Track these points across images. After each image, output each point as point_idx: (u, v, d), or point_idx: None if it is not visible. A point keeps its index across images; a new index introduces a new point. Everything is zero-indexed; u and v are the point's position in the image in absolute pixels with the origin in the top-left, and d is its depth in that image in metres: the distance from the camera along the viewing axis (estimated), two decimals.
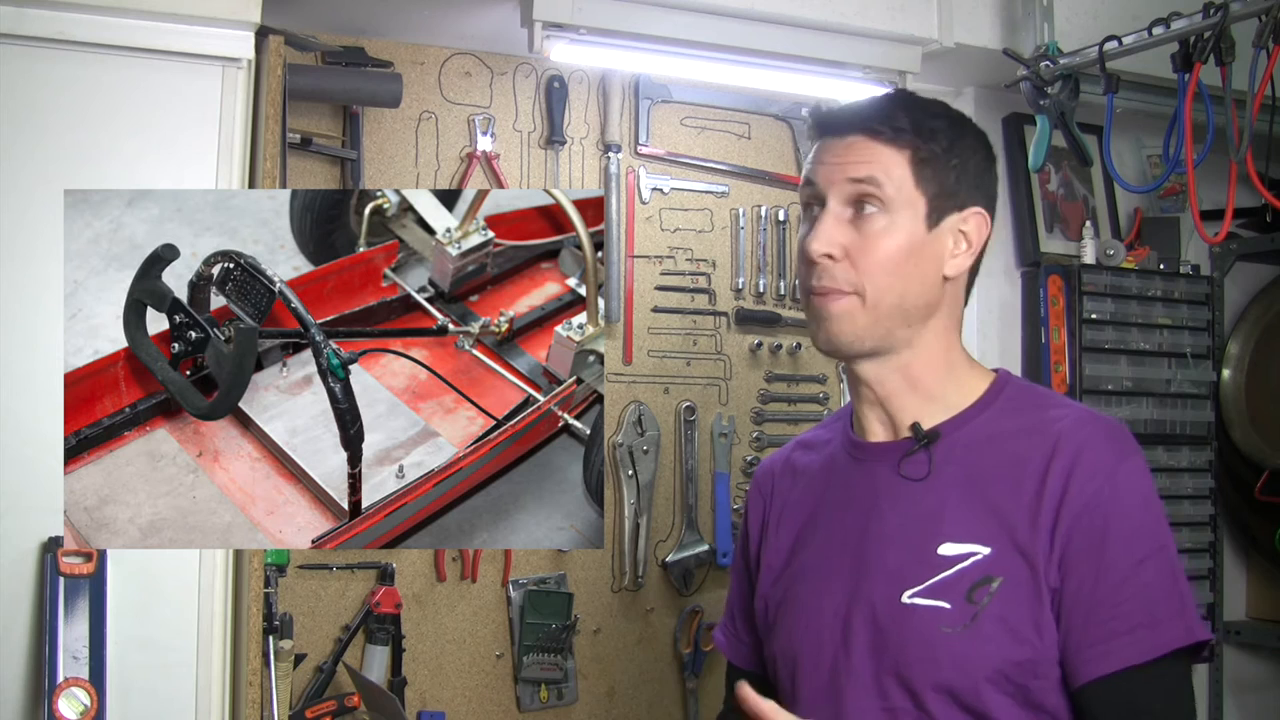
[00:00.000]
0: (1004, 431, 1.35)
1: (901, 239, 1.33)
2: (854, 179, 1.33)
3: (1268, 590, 3.02)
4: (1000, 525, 1.29)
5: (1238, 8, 2.08)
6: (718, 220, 2.66)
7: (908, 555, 1.32)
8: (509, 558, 2.43)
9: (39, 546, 1.81)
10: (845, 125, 1.37)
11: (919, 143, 1.35)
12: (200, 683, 1.88)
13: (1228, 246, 2.94)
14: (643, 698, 2.56)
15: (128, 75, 1.91)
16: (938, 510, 1.33)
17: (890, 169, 1.33)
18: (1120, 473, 1.28)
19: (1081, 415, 1.34)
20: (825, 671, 1.36)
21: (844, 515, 1.41)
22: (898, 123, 1.35)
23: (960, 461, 1.35)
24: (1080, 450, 1.28)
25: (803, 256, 1.36)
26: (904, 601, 1.31)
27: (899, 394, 1.39)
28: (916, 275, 1.35)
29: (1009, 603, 1.27)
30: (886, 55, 2.40)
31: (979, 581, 1.28)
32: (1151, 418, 2.74)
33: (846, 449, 1.46)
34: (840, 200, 1.34)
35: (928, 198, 1.34)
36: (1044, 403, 1.39)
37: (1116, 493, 1.27)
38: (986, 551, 1.29)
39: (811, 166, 1.38)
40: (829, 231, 1.33)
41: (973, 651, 1.26)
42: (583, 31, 2.18)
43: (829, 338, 1.35)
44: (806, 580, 1.42)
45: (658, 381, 2.58)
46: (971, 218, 1.38)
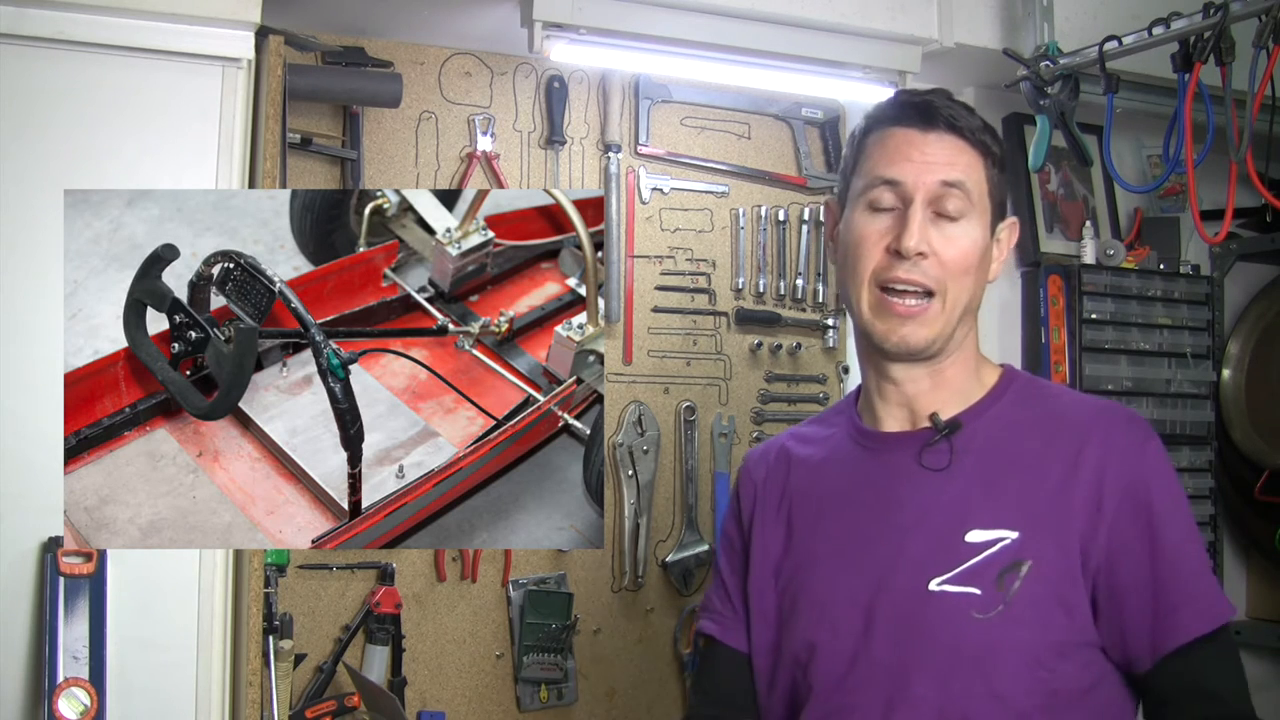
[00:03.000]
0: (1020, 420, 1.38)
1: (979, 241, 1.37)
2: (947, 182, 1.34)
3: (1268, 590, 3.02)
4: (1025, 510, 1.31)
5: (1238, 8, 2.08)
6: (718, 220, 2.66)
7: (933, 543, 1.33)
8: (509, 558, 2.43)
9: (39, 546, 1.81)
10: (932, 119, 1.36)
11: (993, 148, 1.38)
12: (200, 683, 1.88)
13: (1228, 246, 2.94)
14: (643, 698, 2.56)
15: (128, 75, 1.91)
16: (962, 498, 1.34)
17: (972, 172, 1.36)
18: (1150, 456, 1.33)
19: (1101, 404, 1.39)
20: (845, 660, 1.36)
21: (857, 505, 1.41)
22: (975, 124, 1.37)
23: (979, 450, 1.37)
24: (1110, 436, 1.32)
25: (880, 250, 1.35)
26: (931, 589, 1.31)
27: (927, 392, 1.41)
28: (980, 279, 1.39)
29: (1039, 586, 1.29)
30: (886, 55, 2.40)
31: (1008, 567, 1.30)
32: (1151, 418, 2.74)
33: (855, 439, 1.46)
34: (926, 199, 1.34)
35: (993, 204, 1.39)
36: (1054, 393, 1.45)
37: (1154, 474, 1.32)
38: (1014, 536, 1.30)
39: (895, 163, 1.36)
40: (923, 229, 1.34)
41: (1006, 636, 1.28)
42: (583, 31, 2.18)
43: (906, 338, 1.36)
44: (817, 570, 1.42)
45: (658, 381, 2.58)
46: (1009, 226, 1.44)
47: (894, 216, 1.35)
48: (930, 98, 1.39)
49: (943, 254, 1.34)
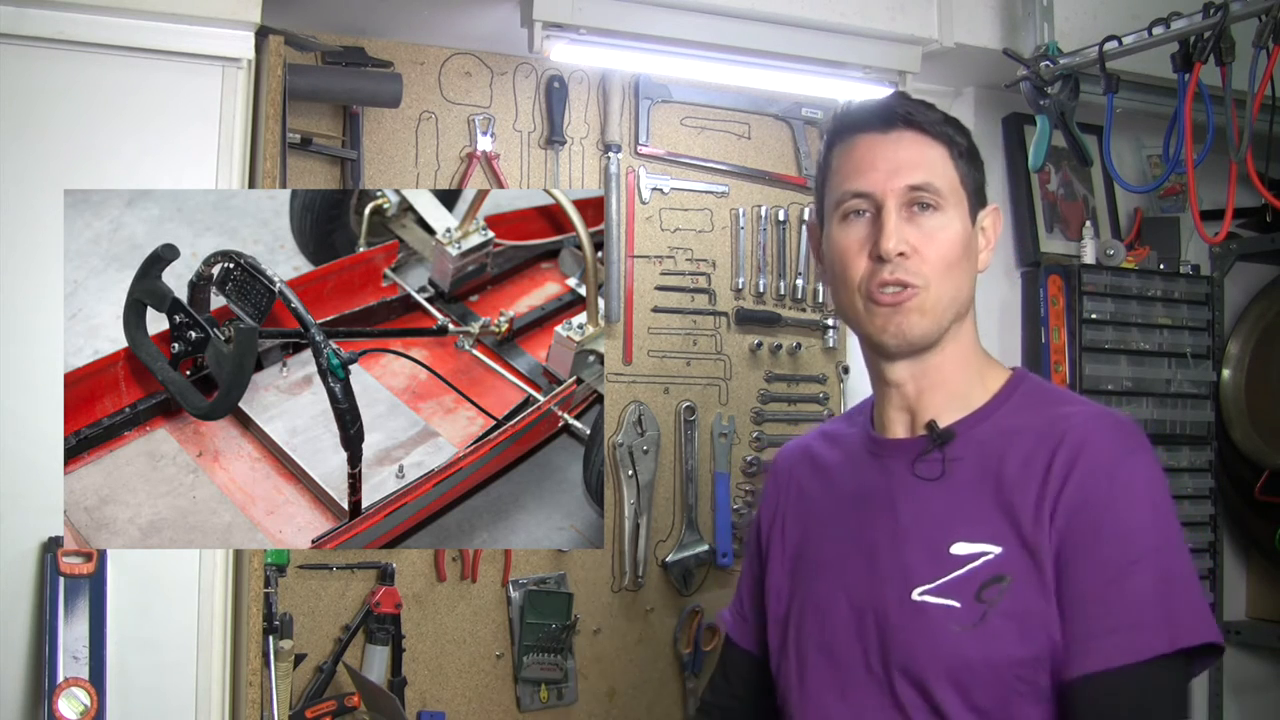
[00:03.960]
0: (1016, 429, 1.36)
1: (959, 233, 1.36)
2: (913, 186, 1.34)
3: (1268, 590, 3.02)
4: (1010, 523, 1.30)
5: (1238, 8, 2.08)
6: (718, 220, 2.66)
7: (921, 553, 1.33)
8: (509, 558, 2.43)
9: (39, 546, 1.81)
10: (890, 119, 1.36)
11: (957, 138, 1.38)
12: (200, 683, 1.88)
13: (1228, 246, 2.94)
14: (643, 698, 2.56)
15: (128, 75, 1.91)
16: (951, 509, 1.34)
17: (939, 167, 1.36)
18: (1122, 469, 1.27)
19: (1090, 411, 1.34)
20: (836, 666, 1.36)
21: (860, 511, 1.41)
22: (935, 117, 1.37)
23: (974, 459, 1.36)
24: (1082, 446, 1.28)
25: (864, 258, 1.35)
26: (914, 599, 1.31)
27: (928, 392, 1.40)
28: (967, 270, 1.38)
29: (1018, 600, 1.27)
30: (886, 55, 2.40)
31: (989, 580, 1.28)
32: (1151, 418, 2.74)
33: (866, 445, 1.46)
34: (899, 203, 1.34)
35: (968, 193, 1.38)
36: (1056, 400, 1.39)
37: (1114, 490, 1.26)
38: (998, 551, 1.29)
39: (861, 173, 1.36)
40: (899, 229, 1.33)
41: (982, 649, 1.27)
42: (583, 31, 2.18)
43: (900, 327, 1.35)
44: (821, 575, 1.43)
45: (658, 381, 2.58)
46: (991, 214, 1.43)
47: (870, 222, 1.36)
48: (886, 100, 1.40)
49: (924, 250, 1.34)
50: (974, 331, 1.43)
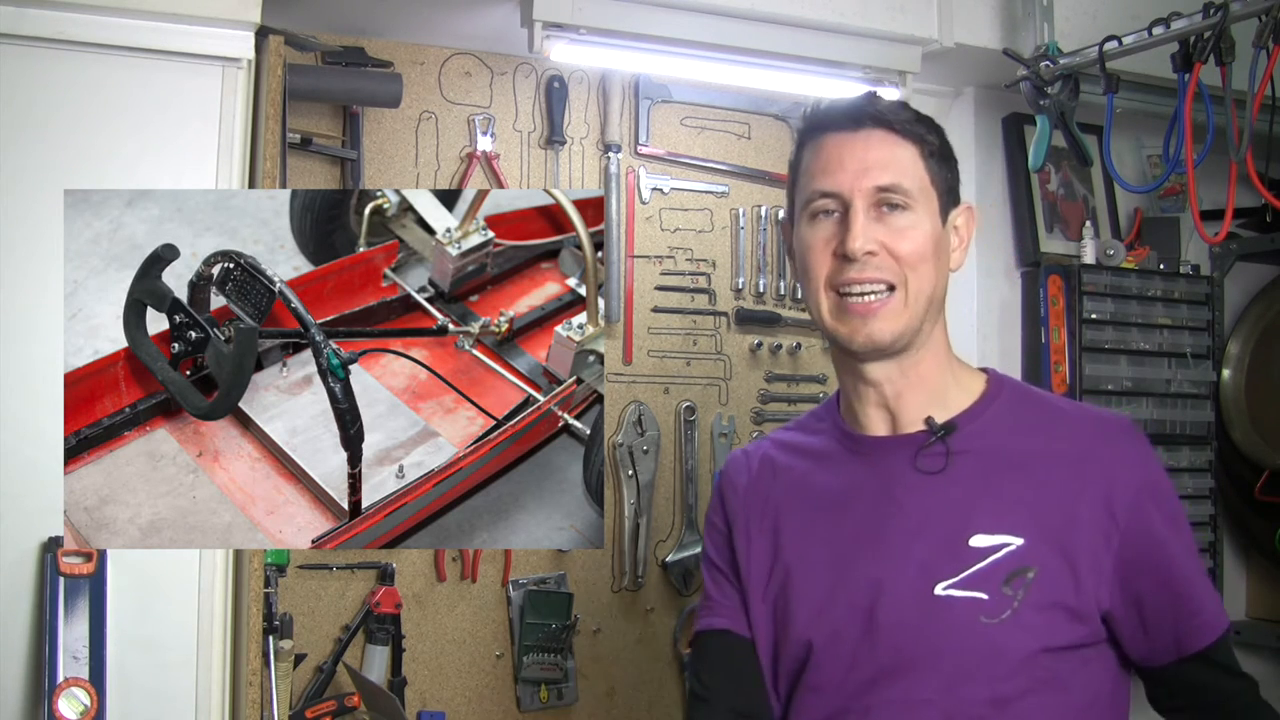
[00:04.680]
0: (1018, 425, 1.39)
1: (929, 232, 1.36)
2: (881, 187, 1.34)
3: (1268, 590, 3.02)
4: (1030, 517, 1.32)
5: (1238, 8, 2.08)
6: (718, 220, 2.66)
7: (936, 547, 1.34)
8: (509, 558, 2.43)
9: (39, 546, 1.81)
10: (859, 117, 1.36)
11: (928, 137, 1.38)
12: (200, 683, 1.88)
13: (1228, 246, 2.94)
14: (643, 698, 2.56)
15: (128, 75, 1.91)
16: (964, 502, 1.34)
17: (908, 166, 1.36)
18: (1152, 469, 1.37)
19: (1096, 415, 1.42)
20: (845, 663, 1.36)
21: (851, 508, 1.41)
22: (906, 116, 1.37)
23: (977, 455, 1.37)
24: (1115, 452, 1.35)
25: (828, 256, 1.36)
26: (937, 594, 1.32)
27: (906, 392, 1.40)
28: (940, 269, 1.38)
29: (1045, 592, 1.30)
30: (886, 55, 2.40)
31: (1014, 572, 1.30)
32: (1151, 418, 2.74)
33: (842, 444, 1.46)
34: (866, 203, 1.34)
35: (939, 193, 1.38)
36: (1047, 399, 1.46)
37: (1158, 487, 1.36)
38: (1020, 542, 1.31)
39: (829, 173, 1.36)
40: (867, 229, 1.33)
41: (1013, 641, 1.29)
42: (583, 31, 2.18)
43: (871, 335, 1.35)
44: (811, 573, 1.41)
45: (658, 381, 2.58)
46: (963, 212, 1.43)
47: (837, 221, 1.35)
48: (856, 99, 1.40)
49: (894, 248, 1.34)
50: (945, 330, 1.44)
